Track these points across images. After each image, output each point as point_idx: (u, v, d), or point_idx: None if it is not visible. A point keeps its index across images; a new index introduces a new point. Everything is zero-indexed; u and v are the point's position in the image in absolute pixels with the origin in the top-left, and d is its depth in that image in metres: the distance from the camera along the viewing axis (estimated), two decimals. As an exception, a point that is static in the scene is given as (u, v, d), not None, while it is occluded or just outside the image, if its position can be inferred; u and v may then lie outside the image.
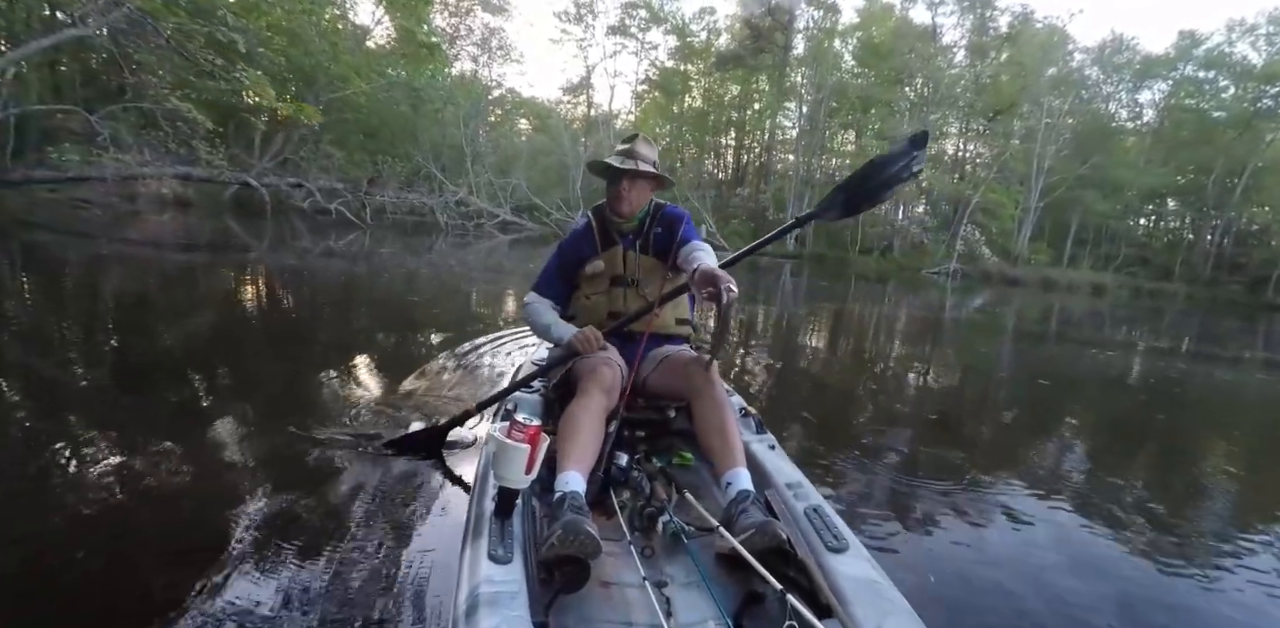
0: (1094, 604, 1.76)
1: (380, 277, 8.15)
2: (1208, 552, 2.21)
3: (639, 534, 1.40)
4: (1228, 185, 27.34)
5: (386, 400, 2.89)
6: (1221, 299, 25.61)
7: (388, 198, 18.22)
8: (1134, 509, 2.52)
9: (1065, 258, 27.79)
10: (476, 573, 1.08)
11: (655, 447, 1.82)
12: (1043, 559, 2.02)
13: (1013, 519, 2.30)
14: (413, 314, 5.73)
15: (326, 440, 2.32)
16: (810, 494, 1.49)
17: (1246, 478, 3.20)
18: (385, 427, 2.51)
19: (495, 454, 1.24)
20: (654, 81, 31.63)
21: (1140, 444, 3.82)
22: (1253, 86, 27.06)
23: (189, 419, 2.49)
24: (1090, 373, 6.27)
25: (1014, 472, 2.86)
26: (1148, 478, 3.09)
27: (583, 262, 1.97)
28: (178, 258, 8.05)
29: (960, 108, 28.13)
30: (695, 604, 1.19)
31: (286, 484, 1.99)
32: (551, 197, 25.26)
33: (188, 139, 12.13)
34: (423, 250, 12.78)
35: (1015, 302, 16.11)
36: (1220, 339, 11.31)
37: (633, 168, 1.82)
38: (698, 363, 1.75)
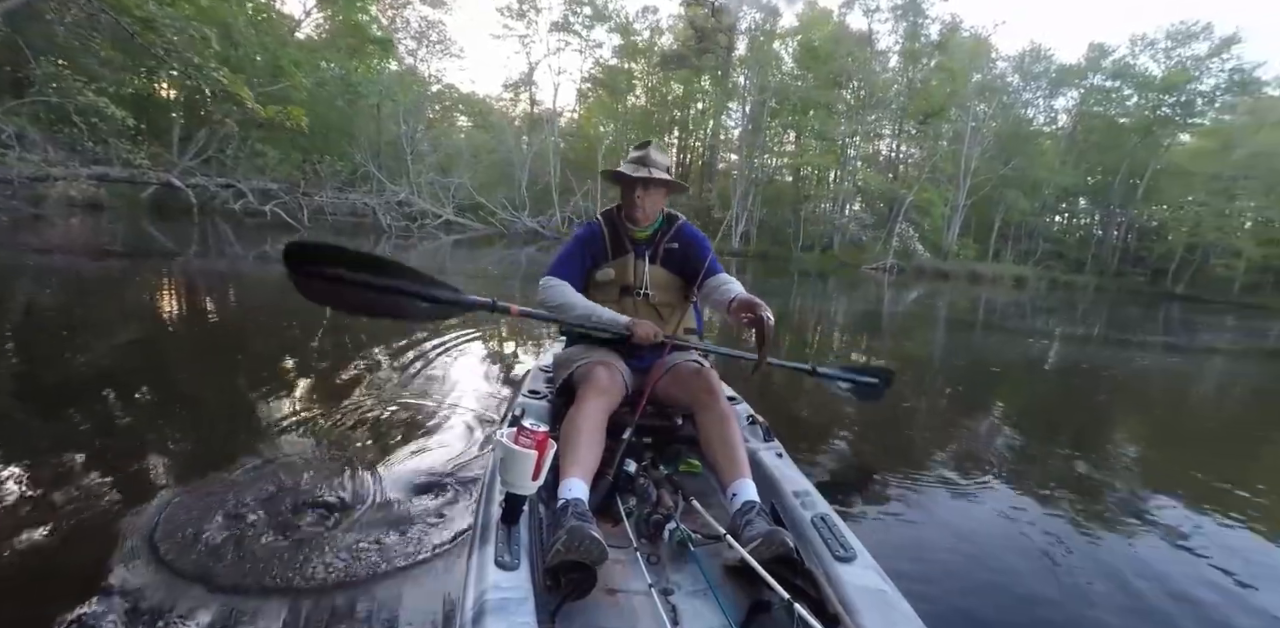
0: (1100, 600, 1.80)
1: None
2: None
3: (645, 541, 1.39)
4: (1131, 186, 29.62)
5: (328, 412, 2.85)
6: (1127, 289, 27.81)
7: (326, 199, 17.44)
8: (1123, 509, 2.60)
9: (990, 253, 29.47)
10: (484, 579, 1.08)
11: (662, 454, 1.81)
12: (1038, 556, 2.06)
13: (1001, 514, 2.35)
14: (355, 321, 5.58)
15: (280, 451, 2.30)
16: (818, 503, 1.47)
17: (1178, 448, 3.62)
18: (328, 436, 2.50)
19: (502, 460, 1.23)
20: (599, 79, 31.53)
21: (1104, 431, 4.08)
22: (1152, 96, 29.40)
23: (113, 439, 2.37)
24: (1032, 360, 6.76)
25: (974, 463, 2.94)
26: (1132, 470, 3.20)
27: (596, 263, 1.95)
28: (91, 266, 7.26)
29: (894, 111, 29.31)
30: (701, 613, 1.18)
31: (285, 492, 1.97)
32: (496, 196, 24.87)
33: (104, 137, 11.23)
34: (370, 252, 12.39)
35: (947, 294, 17.00)
36: (1127, 326, 12.29)
37: (646, 175, 1.83)
38: (702, 375, 1.76)
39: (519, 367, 4.06)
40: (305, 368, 3.68)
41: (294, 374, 3.52)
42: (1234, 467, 3.43)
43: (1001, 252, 30.25)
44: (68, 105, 10.57)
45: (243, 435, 2.48)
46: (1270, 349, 10.65)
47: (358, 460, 2.27)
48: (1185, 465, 3.39)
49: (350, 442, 2.49)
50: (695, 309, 2.07)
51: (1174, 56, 29.06)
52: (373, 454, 2.36)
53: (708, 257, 1.92)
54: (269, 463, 2.19)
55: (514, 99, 33.95)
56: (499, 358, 4.40)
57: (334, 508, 1.91)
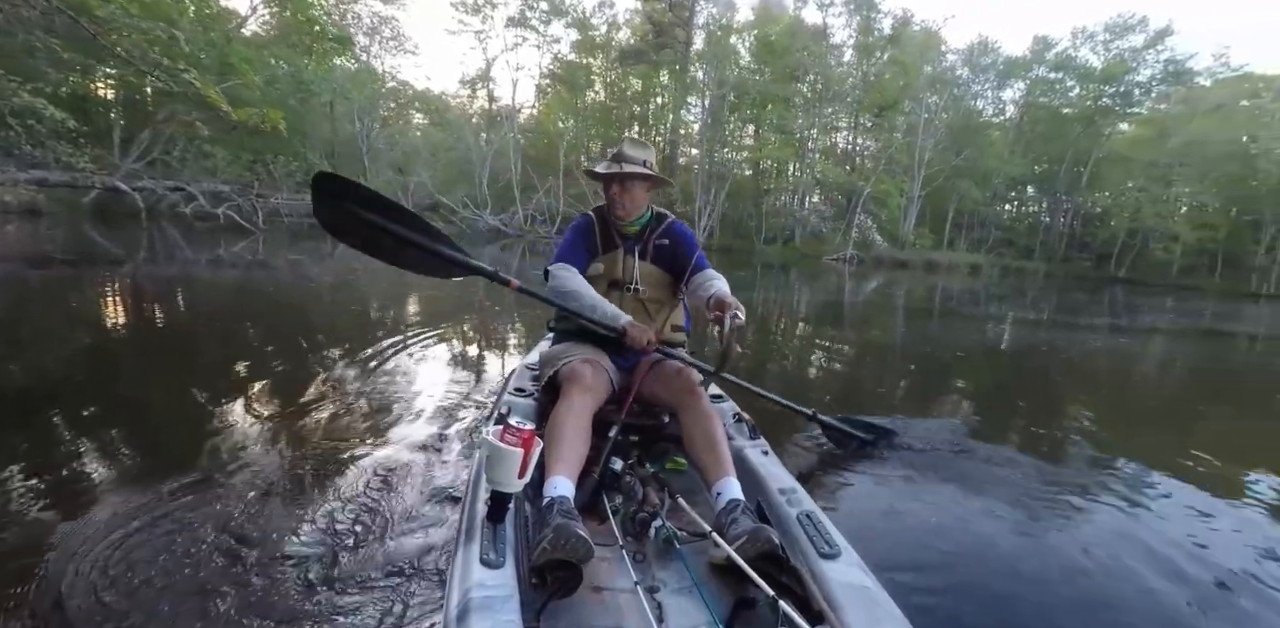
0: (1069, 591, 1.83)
1: (284, 286, 7.65)
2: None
3: (631, 539, 1.40)
4: (1076, 174, 30.82)
5: (304, 416, 2.84)
6: (1074, 274, 29.01)
7: (282, 200, 16.91)
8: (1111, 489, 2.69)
9: (945, 241, 30.31)
10: (469, 578, 1.07)
11: (648, 452, 1.82)
12: (1023, 550, 2.09)
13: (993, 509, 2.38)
14: (320, 324, 5.48)
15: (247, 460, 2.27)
16: (803, 500, 1.47)
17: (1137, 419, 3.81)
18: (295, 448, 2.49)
19: (488, 458, 1.22)
20: (557, 75, 31.25)
21: (1066, 413, 4.22)
22: (1093, 87, 30.58)
23: (53, 453, 2.31)
24: (992, 346, 7.06)
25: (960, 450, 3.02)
26: (1103, 454, 3.27)
27: (590, 254, 1.95)
28: (33, 274, 6.96)
29: (849, 104, 29.84)
30: (687, 610, 1.19)
31: (268, 494, 1.97)
32: (456, 194, 24.50)
33: (41, 139, 10.69)
34: (324, 256, 12.08)
35: (906, 283, 17.46)
36: (1075, 310, 12.84)
37: (618, 171, 1.83)
38: (683, 375, 1.76)
39: (505, 364, 4.08)
40: (270, 373, 3.61)
41: (258, 380, 3.45)
42: (1180, 439, 3.67)
43: (956, 240, 31.15)
44: (1, 108, 9.99)
45: (207, 444, 2.44)
46: (1205, 329, 11.25)
47: (336, 461, 2.27)
48: (1144, 442, 3.58)
49: (330, 441, 2.50)
50: (684, 306, 2.08)
51: (1112, 49, 30.27)
52: (352, 454, 2.36)
53: (696, 252, 1.93)
54: (234, 469, 2.17)
55: (471, 96, 33.41)
56: (483, 356, 4.39)
57: (311, 508, 1.91)
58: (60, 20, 8.56)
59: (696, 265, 1.92)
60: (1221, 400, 5.32)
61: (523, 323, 5.95)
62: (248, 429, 2.61)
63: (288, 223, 17.36)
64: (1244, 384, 6.19)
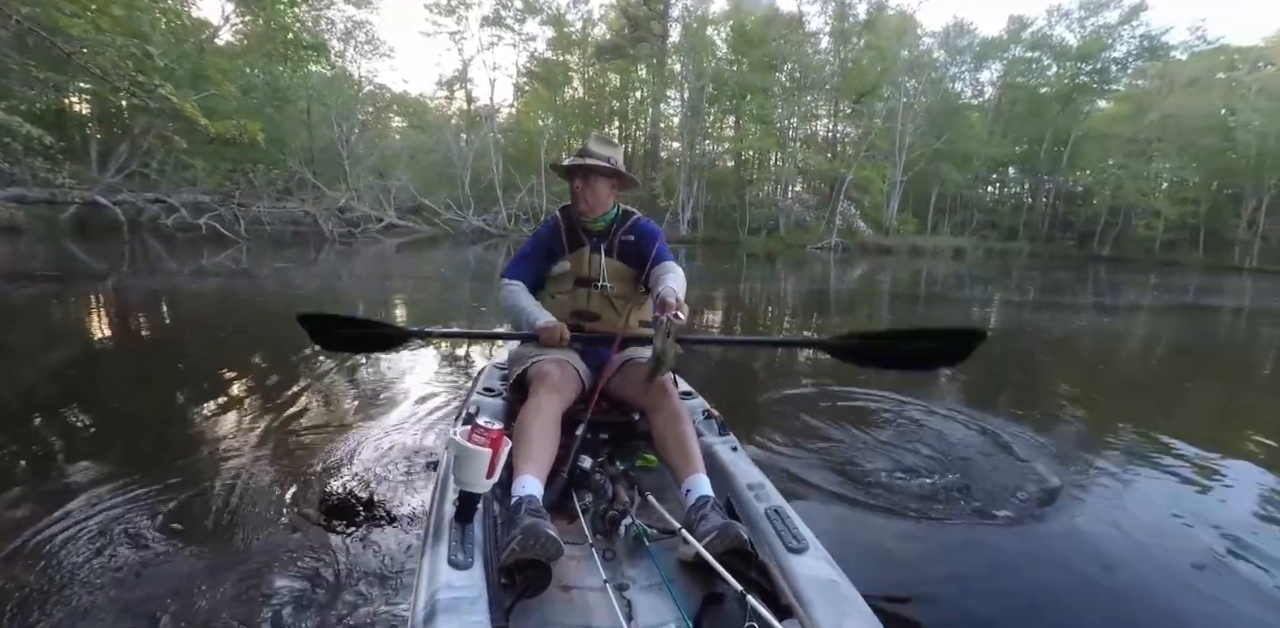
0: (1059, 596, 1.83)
1: (268, 294, 7.62)
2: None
3: (601, 537, 1.40)
4: (1056, 153, 30.94)
5: (273, 420, 2.85)
6: (1057, 254, 29.23)
7: (263, 209, 16.82)
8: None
9: (929, 226, 30.41)
10: (436, 579, 1.06)
11: (618, 449, 1.82)
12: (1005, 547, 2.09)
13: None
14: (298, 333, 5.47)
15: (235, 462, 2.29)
16: (771, 495, 1.48)
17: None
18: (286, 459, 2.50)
19: (456, 458, 1.21)
20: (535, 73, 31.07)
21: (1049, 395, 4.29)
22: (1070, 65, 30.68)
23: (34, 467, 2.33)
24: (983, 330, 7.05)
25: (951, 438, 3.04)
26: (1085, 434, 3.36)
27: (551, 258, 1.99)
28: (16, 291, 7.01)
29: (828, 91, 29.82)
30: (656, 607, 1.19)
31: (234, 500, 1.99)
32: (439, 196, 24.38)
33: (17, 157, 10.58)
34: (307, 263, 12.02)
35: (891, 269, 17.56)
36: (1060, 290, 12.98)
37: (582, 163, 1.85)
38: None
39: (473, 365, 4.09)
40: (248, 379, 3.64)
41: (237, 387, 3.49)
42: (1162, 417, 3.72)
43: (940, 224, 31.24)
44: None
45: (182, 450, 2.45)
46: (1188, 304, 11.39)
47: (304, 464, 2.29)
48: (1122, 421, 3.60)
49: (297, 447, 2.51)
50: (652, 302, 2.04)
51: (1088, 25, 30.29)
52: (320, 457, 2.38)
53: (659, 245, 1.95)
54: (212, 474, 2.19)
55: (449, 97, 33.19)
56: (451, 356, 4.39)
57: (279, 512, 1.93)
58: (33, 39, 8.50)
59: (657, 257, 1.92)
60: (1205, 375, 5.39)
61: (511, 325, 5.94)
62: (227, 436, 2.64)
63: (270, 231, 17.22)
64: (1226, 359, 6.28)
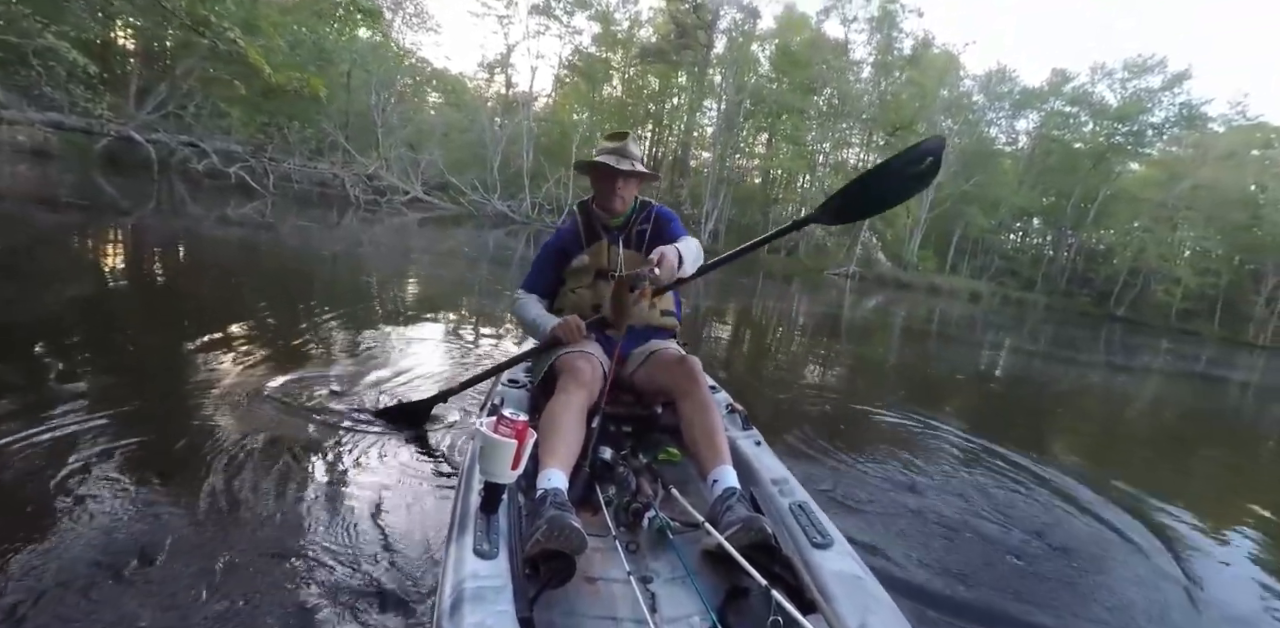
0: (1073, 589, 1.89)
1: (291, 251, 7.53)
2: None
3: (624, 530, 1.40)
4: (1083, 209, 30.94)
5: (300, 387, 2.72)
6: (1074, 309, 29.10)
7: (294, 166, 16.76)
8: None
9: (948, 266, 30.41)
10: (462, 568, 1.07)
11: (641, 442, 1.81)
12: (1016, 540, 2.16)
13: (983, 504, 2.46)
14: (323, 293, 5.38)
15: (294, 418, 2.28)
16: (795, 490, 1.49)
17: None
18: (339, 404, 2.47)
19: (482, 449, 1.22)
20: (577, 67, 31.15)
21: (1058, 435, 4.38)
22: (1107, 124, 30.75)
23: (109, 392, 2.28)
24: (990, 371, 7.06)
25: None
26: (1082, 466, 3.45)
27: (569, 257, 2.01)
28: (39, 215, 7.00)
29: (864, 121, 29.85)
30: (680, 600, 1.20)
31: (262, 477, 1.89)
32: (466, 176, 24.36)
33: (62, 83, 10.49)
34: (331, 225, 11.98)
35: (907, 304, 17.48)
36: (1075, 345, 12.89)
37: (629, 169, 1.86)
38: (685, 363, 1.75)
39: (500, 351, 3.99)
40: (268, 339, 3.47)
41: (255, 345, 3.32)
42: (1164, 469, 3.88)
43: (959, 265, 31.26)
44: (25, 47, 9.78)
45: (194, 409, 2.34)
46: (1199, 373, 11.30)
47: (328, 445, 2.18)
48: (1130, 469, 3.69)
49: (322, 422, 2.39)
50: (674, 293, 2.07)
51: (1129, 87, 30.45)
52: (345, 440, 2.26)
53: (674, 226, 1.97)
54: (221, 439, 2.09)
55: (489, 79, 33.24)
56: (477, 344, 4.27)
57: (297, 493, 1.84)
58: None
59: (672, 236, 1.92)
60: (1203, 442, 5.37)
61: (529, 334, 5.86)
62: (235, 398, 2.48)
63: (297, 189, 17.10)
64: (1231, 430, 6.22)
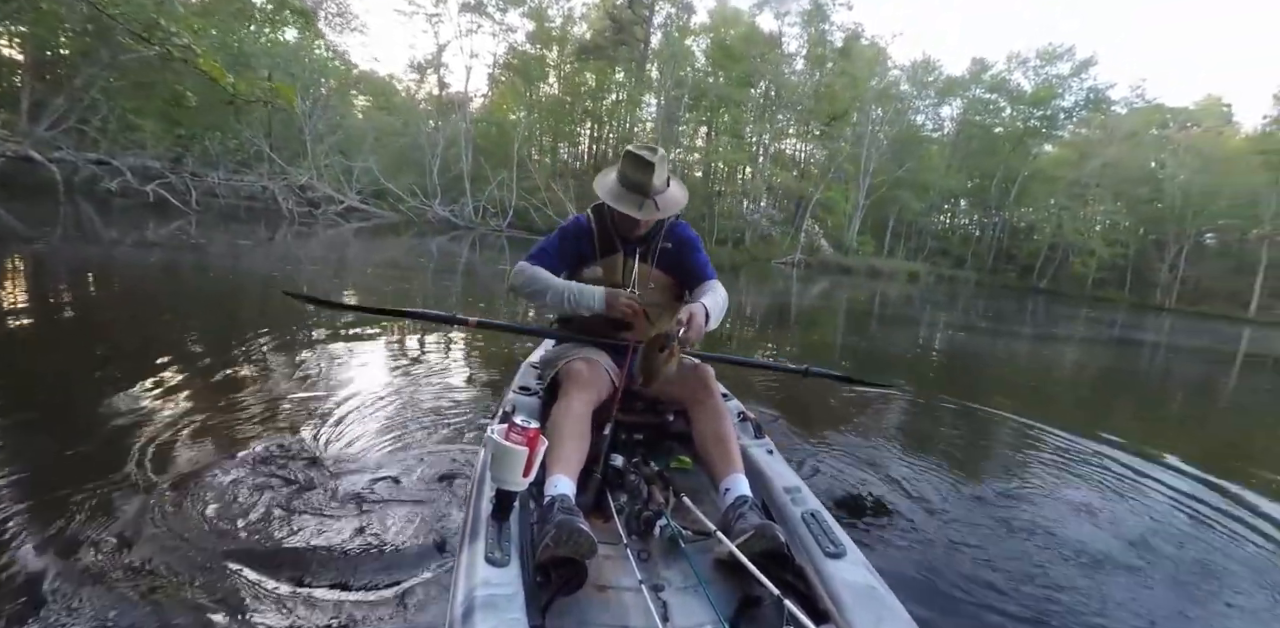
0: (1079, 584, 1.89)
1: (235, 272, 7.16)
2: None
3: (636, 538, 1.38)
4: (1005, 190, 32.67)
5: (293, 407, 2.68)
6: (1001, 284, 30.90)
7: (218, 180, 15.77)
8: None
9: (885, 249, 31.61)
10: (473, 576, 1.07)
11: (653, 450, 1.80)
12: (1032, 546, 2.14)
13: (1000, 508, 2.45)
14: (278, 312, 5.17)
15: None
16: (808, 499, 1.47)
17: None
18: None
19: (493, 456, 1.21)
20: (513, 65, 30.68)
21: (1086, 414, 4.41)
22: (1023, 109, 32.58)
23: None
24: (942, 347, 7.34)
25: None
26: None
27: (581, 260, 1.86)
28: None
29: (800, 112, 30.61)
30: (692, 609, 1.19)
31: (264, 483, 1.89)
32: (403, 181, 23.68)
33: None
34: (262, 241, 11.43)
35: (850, 287, 18.11)
36: (1007, 318, 13.72)
37: (651, 216, 1.72)
38: (698, 371, 1.74)
39: (453, 367, 3.95)
40: (208, 370, 3.21)
41: (225, 368, 3.18)
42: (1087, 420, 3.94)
43: (895, 248, 32.54)
44: None
45: (182, 440, 2.25)
46: (1116, 338, 12.18)
47: (336, 456, 2.20)
48: (1075, 415, 3.73)
49: (331, 436, 2.39)
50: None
51: (1042, 74, 32.30)
52: (352, 450, 2.28)
53: (700, 258, 1.89)
54: (213, 465, 2.03)
55: (420, 80, 32.35)
56: (487, 353, 4.22)
57: (310, 505, 1.85)
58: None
59: (700, 272, 1.87)
60: (1121, 392, 5.90)
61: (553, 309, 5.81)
62: (231, 423, 2.44)
63: (223, 204, 16.21)
64: (1146, 385, 6.79)
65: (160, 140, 16.24)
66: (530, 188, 25.21)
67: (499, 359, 4.01)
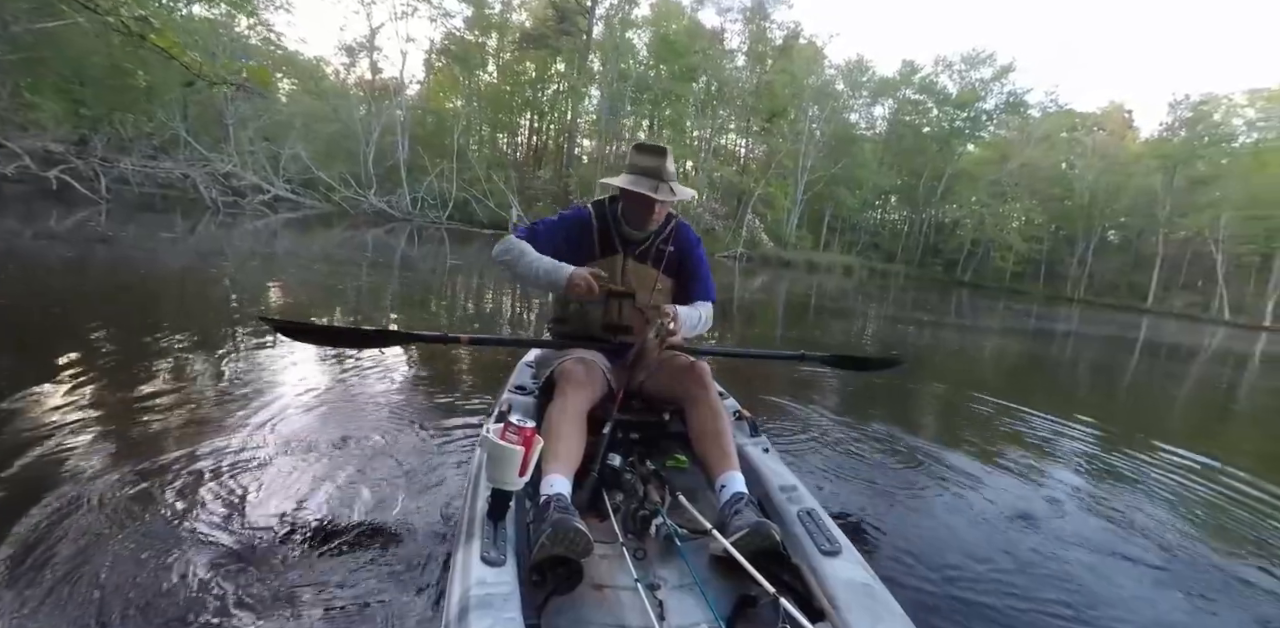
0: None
1: (151, 268, 6.64)
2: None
3: (632, 537, 1.38)
4: (932, 187, 34.35)
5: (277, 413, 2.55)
6: (928, 277, 32.48)
7: (131, 167, 14.54)
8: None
9: (822, 243, 32.69)
10: (469, 575, 1.07)
11: (650, 449, 1.79)
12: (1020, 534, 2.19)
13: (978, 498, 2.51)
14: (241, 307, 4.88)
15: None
16: (804, 497, 1.48)
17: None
18: None
19: (489, 456, 1.21)
20: (450, 51, 29.75)
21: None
22: (949, 111, 34.30)
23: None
24: (867, 334, 7.66)
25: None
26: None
27: (580, 253, 1.81)
28: None
29: (740, 108, 31.12)
30: (688, 607, 1.18)
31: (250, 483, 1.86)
32: (335, 170, 22.62)
33: None
34: (184, 232, 10.69)
35: (790, 280, 18.66)
36: (932, 309, 14.49)
37: (670, 198, 1.72)
38: (695, 369, 1.73)
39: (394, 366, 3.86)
40: (128, 378, 2.92)
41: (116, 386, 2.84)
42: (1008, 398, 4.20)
43: (831, 242, 33.70)
44: None
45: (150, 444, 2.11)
46: (1030, 328, 13.06)
47: (333, 455, 2.16)
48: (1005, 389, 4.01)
49: (326, 435, 2.34)
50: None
51: (967, 78, 34.10)
52: (349, 449, 2.25)
53: (702, 272, 1.89)
54: (217, 463, 1.94)
55: (351, 64, 30.89)
56: (483, 352, 4.08)
57: (306, 503, 1.83)
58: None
59: (701, 294, 1.90)
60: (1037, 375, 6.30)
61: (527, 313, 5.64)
62: (233, 421, 2.37)
63: (138, 193, 14.96)
64: (1057, 370, 7.33)
65: (62, 122, 14.88)
66: (471, 179, 24.61)
67: (495, 359, 3.92)
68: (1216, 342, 15.39)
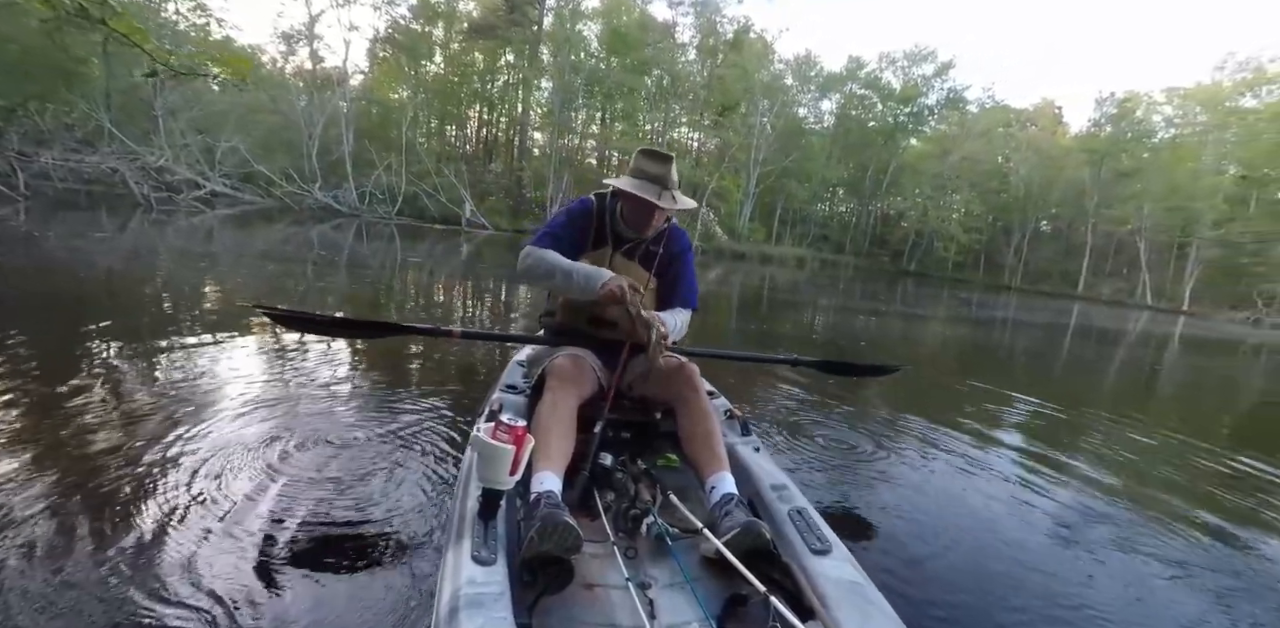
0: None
1: (77, 269, 6.26)
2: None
3: (623, 536, 1.39)
4: (878, 180, 35.37)
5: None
6: (875, 267, 33.54)
7: (53, 161, 13.60)
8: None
9: (773, 236, 33.31)
10: (459, 575, 1.07)
11: (641, 448, 1.80)
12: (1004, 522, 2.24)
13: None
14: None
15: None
16: (794, 496, 1.49)
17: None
18: None
19: (479, 455, 1.21)
20: (397, 41, 28.84)
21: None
22: (893, 106, 35.33)
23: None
24: (816, 324, 7.89)
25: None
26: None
27: (578, 245, 1.81)
28: None
29: (692, 102, 31.33)
30: (679, 606, 1.19)
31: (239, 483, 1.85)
32: (277, 164, 21.70)
33: None
34: (112, 231, 10.10)
35: (744, 273, 18.96)
36: (880, 298, 15.01)
37: (673, 206, 1.72)
38: (683, 371, 1.74)
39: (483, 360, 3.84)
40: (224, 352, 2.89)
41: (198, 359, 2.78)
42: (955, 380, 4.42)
43: (783, 235, 34.37)
44: None
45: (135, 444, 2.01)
46: (971, 316, 13.68)
47: (320, 454, 2.15)
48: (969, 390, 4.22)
49: (312, 431, 2.32)
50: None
51: (910, 74, 35.15)
52: (336, 447, 2.23)
53: (687, 278, 1.90)
54: (196, 462, 1.86)
55: (289, 52, 29.58)
56: (476, 350, 4.03)
57: (291, 502, 1.82)
58: None
59: (683, 300, 1.89)
60: (980, 357, 6.63)
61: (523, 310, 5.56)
62: (221, 420, 2.27)
63: (60, 189, 14.06)
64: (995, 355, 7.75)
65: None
66: (420, 173, 24.01)
67: (488, 357, 3.88)
68: (1141, 326, 16.43)
